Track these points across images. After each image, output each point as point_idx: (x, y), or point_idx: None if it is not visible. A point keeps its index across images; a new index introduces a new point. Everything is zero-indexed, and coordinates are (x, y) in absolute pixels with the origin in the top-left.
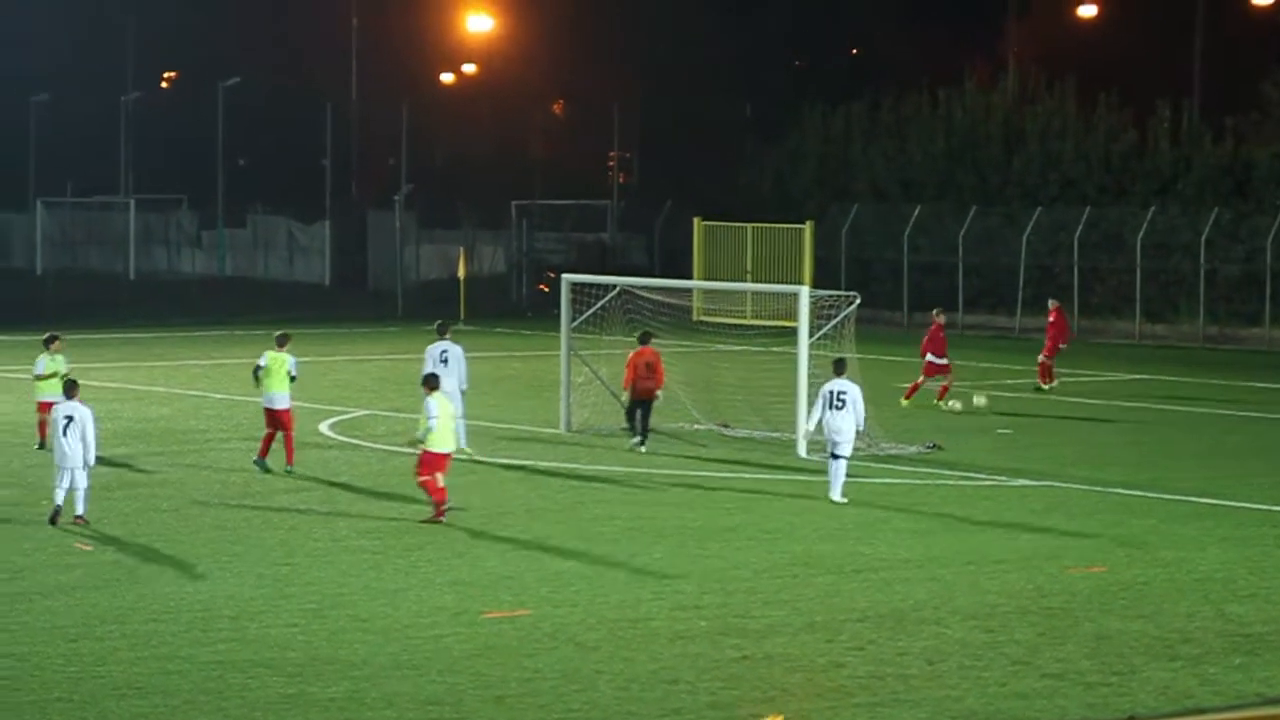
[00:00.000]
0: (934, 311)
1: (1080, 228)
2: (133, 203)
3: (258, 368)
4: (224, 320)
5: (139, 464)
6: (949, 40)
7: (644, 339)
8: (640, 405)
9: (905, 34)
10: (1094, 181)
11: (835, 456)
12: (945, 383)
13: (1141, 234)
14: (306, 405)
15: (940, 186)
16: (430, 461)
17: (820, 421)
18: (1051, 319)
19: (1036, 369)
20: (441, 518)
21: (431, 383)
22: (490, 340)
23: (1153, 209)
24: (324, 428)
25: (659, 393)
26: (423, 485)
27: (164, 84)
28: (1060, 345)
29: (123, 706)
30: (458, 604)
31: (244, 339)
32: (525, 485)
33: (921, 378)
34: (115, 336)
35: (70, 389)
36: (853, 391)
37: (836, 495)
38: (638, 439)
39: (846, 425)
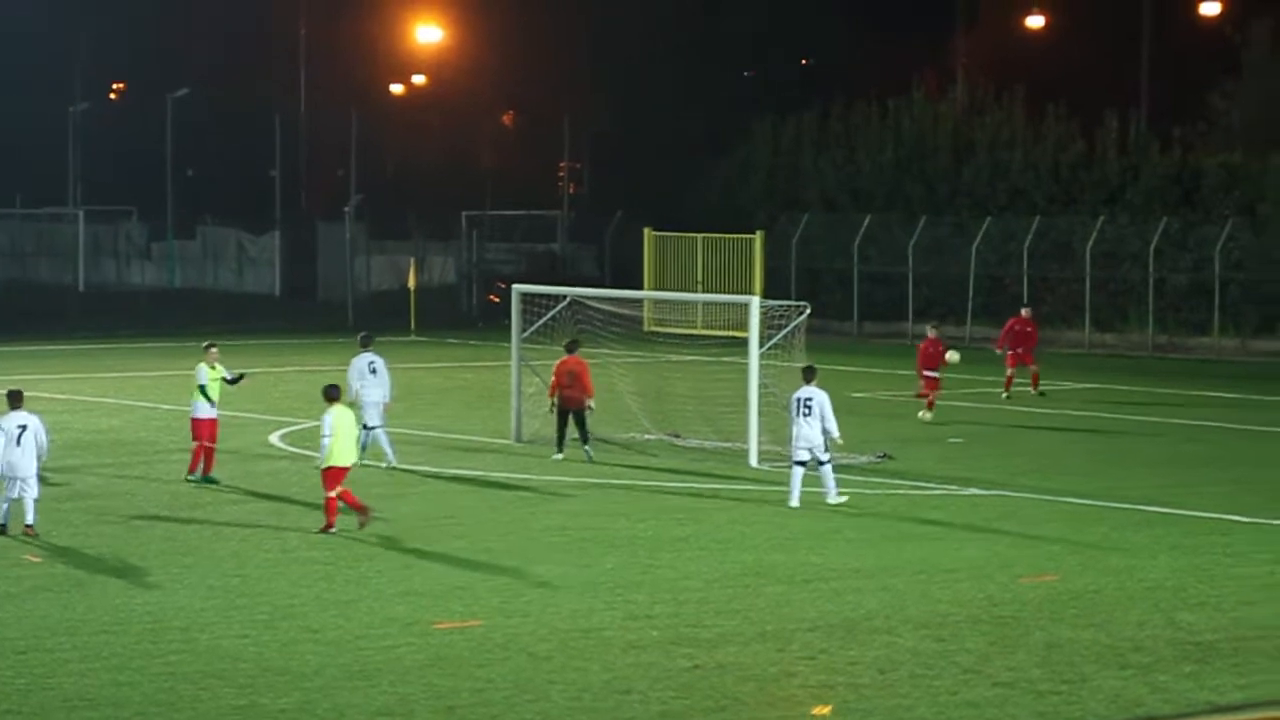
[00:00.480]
0: (928, 326)
1: (1029, 237)
2: (82, 214)
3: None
4: (173, 332)
5: (88, 475)
6: (898, 50)
7: (570, 348)
8: (569, 415)
9: (854, 44)
10: (1043, 191)
11: (820, 463)
12: (931, 396)
13: (1090, 243)
14: (257, 416)
15: (889, 196)
16: (334, 476)
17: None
18: (1030, 329)
19: (1030, 378)
20: (331, 529)
21: (332, 395)
22: (441, 351)
23: (1101, 218)
24: (274, 439)
25: (589, 402)
26: (330, 501)
27: (112, 95)
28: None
29: (73, 718)
30: (409, 615)
31: (193, 350)
32: (476, 496)
33: (927, 390)
34: (64, 348)
35: (17, 399)
36: (819, 398)
37: (832, 498)
38: (559, 454)
39: (815, 432)
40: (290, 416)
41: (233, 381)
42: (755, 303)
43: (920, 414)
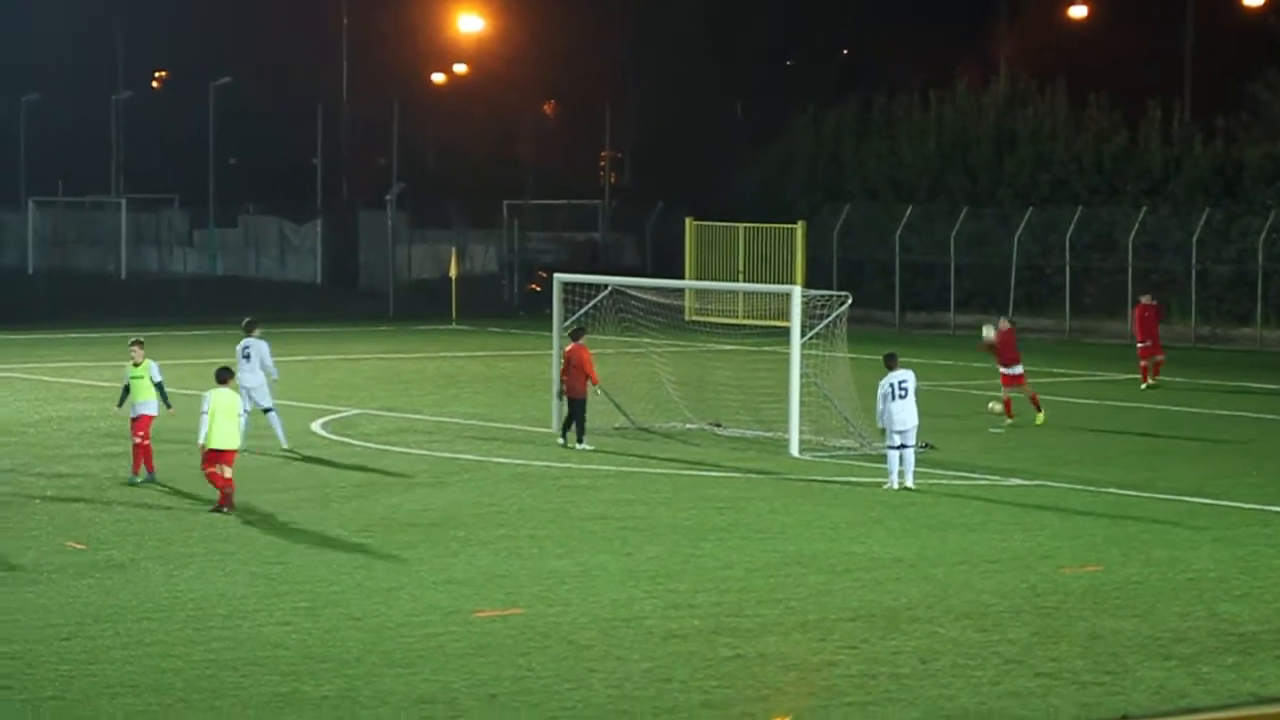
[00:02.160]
0: (1001, 320)
1: (1071, 228)
2: (124, 202)
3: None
4: (215, 319)
5: (130, 463)
6: (939, 41)
7: (574, 335)
8: (571, 404)
9: (896, 35)
10: (1085, 182)
11: (904, 446)
12: (1024, 392)
13: (1133, 234)
14: (299, 404)
15: (931, 187)
16: (212, 458)
17: (883, 415)
18: (1149, 314)
19: (1143, 369)
20: (225, 506)
21: (219, 376)
22: (482, 340)
23: (1144, 209)
24: (316, 426)
25: (597, 389)
26: (210, 479)
27: (155, 83)
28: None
29: (115, 705)
30: (450, 602)
31: (235, 338)
32: (517, 484)
33: (1014, 389)
34: (107, 335)
35: None
36: (910, 380)
37: (911, 480)
38: (561, 440)
39: (911, 415)
40: (331, 404)
41: (159, 391)
42: (797, 292)
43: (991, 405)
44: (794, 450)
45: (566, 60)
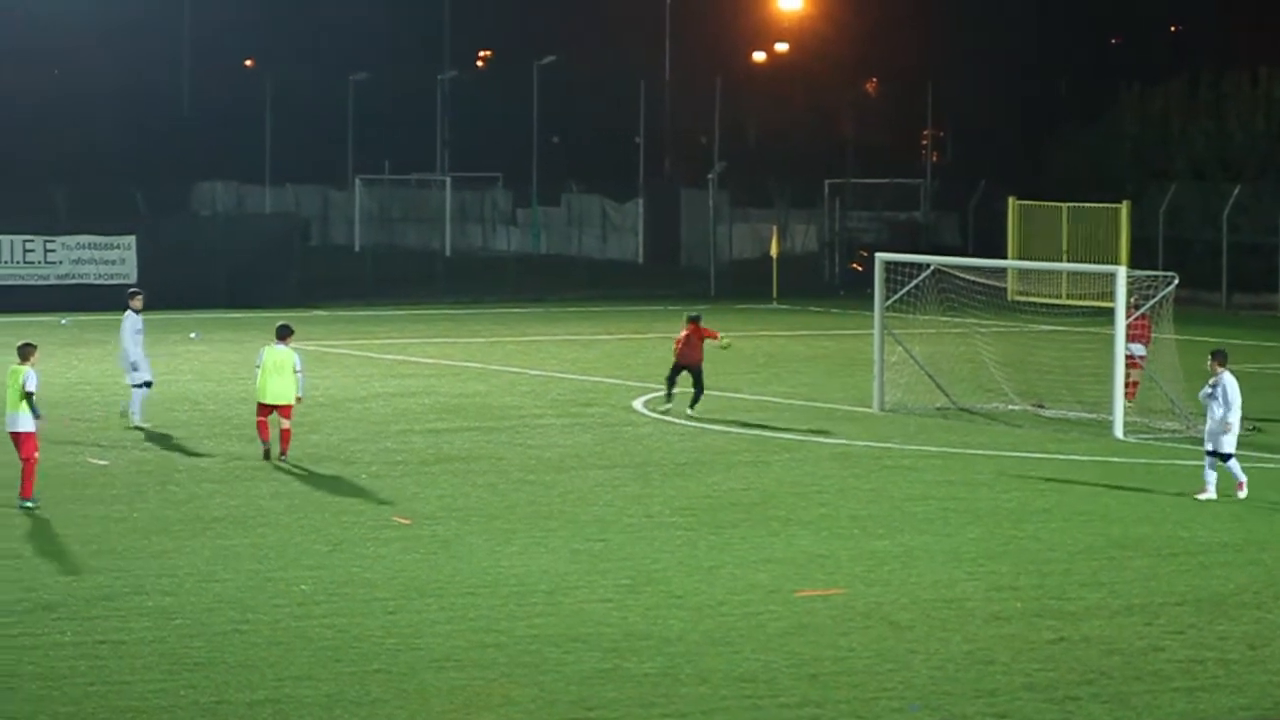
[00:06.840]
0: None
1: None
2: (449, 180)
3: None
4: (539, 298)
5: (455, 439)
6: (1270, 17)
7: (693, 319)
8: (683, 370)
9: (1225, 11)
10: None
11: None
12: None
13: None
14: (620, 382)
15: (1261, 166)
16: (262, 409)
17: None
18: None
19: None
20: (283, 455)
21: (279, 333)
22: (803, 319)
23: None
24: (637, 405)
25: (717, 341)
26: (258, 428)
27: (479, 63)
28: None
29: (440, 678)
30: (771, 582)
31: (559, 316)
32: (838, 464)
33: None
34: (432, 313)
35: None
36: None
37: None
38: (667, 404)
39: None
40: (653, 383)
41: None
42: (1121, 273)
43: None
44: (1118, 432)
45: (887, 38)
